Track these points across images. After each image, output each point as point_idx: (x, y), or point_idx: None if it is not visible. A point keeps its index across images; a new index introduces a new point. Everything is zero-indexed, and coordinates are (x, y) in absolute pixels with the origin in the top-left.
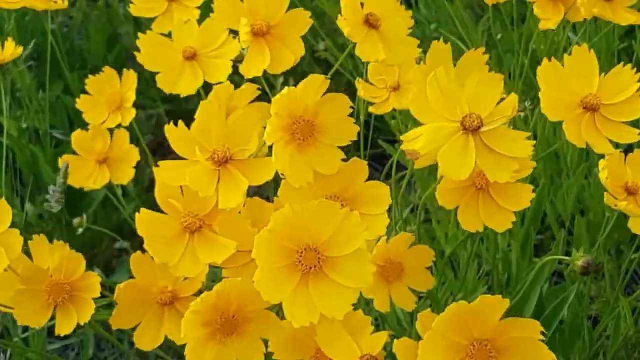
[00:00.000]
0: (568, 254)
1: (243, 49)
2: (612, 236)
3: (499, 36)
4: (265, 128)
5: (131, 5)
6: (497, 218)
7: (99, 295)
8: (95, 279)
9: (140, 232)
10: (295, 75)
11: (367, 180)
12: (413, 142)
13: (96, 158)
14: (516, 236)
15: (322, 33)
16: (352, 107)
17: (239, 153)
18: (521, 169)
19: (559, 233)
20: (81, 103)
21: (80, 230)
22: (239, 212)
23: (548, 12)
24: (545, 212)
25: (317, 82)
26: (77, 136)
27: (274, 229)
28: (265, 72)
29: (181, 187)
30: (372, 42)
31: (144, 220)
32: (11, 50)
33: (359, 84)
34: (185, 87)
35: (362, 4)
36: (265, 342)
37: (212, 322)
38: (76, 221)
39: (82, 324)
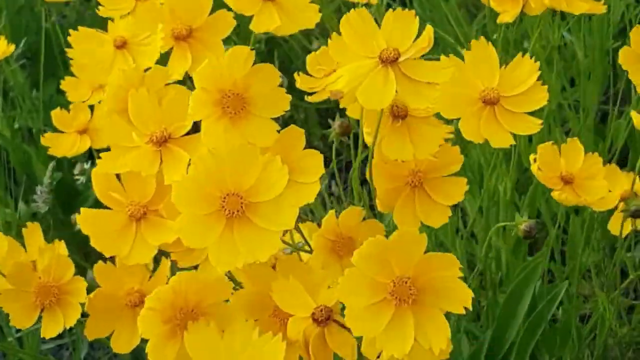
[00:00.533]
0: (562, 252)
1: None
2: (607, 234)
3: (495, 36)
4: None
5: (100, 7)
6: (434, 214)
7: (84, 300)
8: (82, 284)
9: (84, 231)
10: (288, 73)
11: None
12: (335, 83)
13: (76, 129)
14: (509, 235)
15: (316, 32)
16: (281, 77)
17: (177, 130)
18: (451, 162)
19: (553, 231)
20: (65, 84)
21: (78, 227)
22: None
23: (505, 4)
24: (539, 211)
25: (242, 54)
26: (56, 114)
27: (195, 174)
28: None
29: (120, 180)
30: (267, 13)
31: (86, 218)
32: (2, 48)
33: (298, 77)
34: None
35: None
36: None
37: (171, 319)
38: (74, 217)
39: (67, 327)
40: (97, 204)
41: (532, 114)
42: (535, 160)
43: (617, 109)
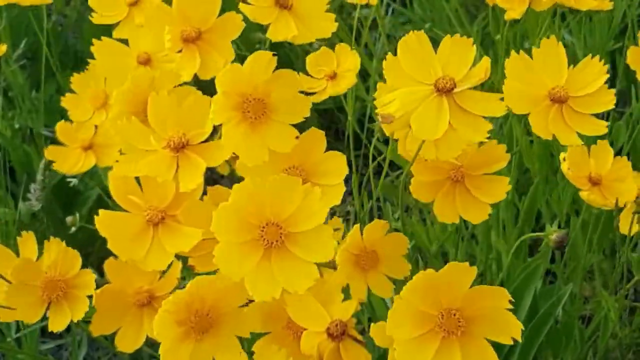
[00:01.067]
0: (563, 253)
1: None
2: (607, 236)
3: (498, 37)
4: None
5: (93, 14)
6: (473, 210)
7: (93, 292)
8: (90, 277)
9: (102, 233)
10: None
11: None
12: (387, 106)
13: (81, 145)
14: (510, 236)
15: None
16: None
17: (195, 137)
18: (496, 161)
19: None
20: (66, 101)
21: (73, 229)
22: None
23: (513, 1)
24: (540, 212)
25: (265, 58)
26: (61, 127)
27: (235, 203)
28: None
29: (139, 183)
30: (284, 21)
31: (104, 220)
32: None
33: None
34: None
35: None
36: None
37: (186, 321)
38: (69, 219)
39: (75, 320)
40: (97, 205)
41: None
42: (564, 159)
43: (617, 110)
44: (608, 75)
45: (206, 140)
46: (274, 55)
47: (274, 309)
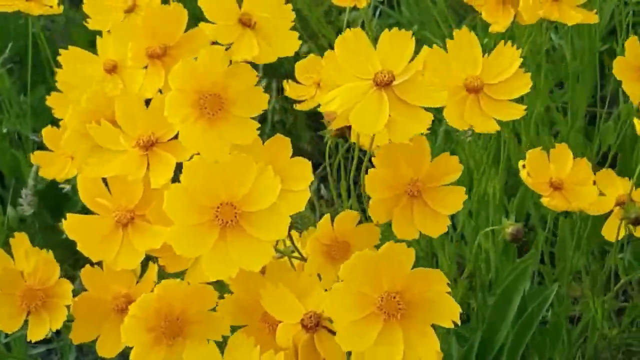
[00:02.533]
0: (552, 254)
1: None
2: (597, 237)
3: (486, 40)
4: None
5: (88, 20)
6: (431, 223)
7: (70, 302)
8: (67, 286)
9: (70, 236)
10: (278, 76)
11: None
12: (329, 104)
13: (67, 152)
14: (499, 237)
15: (305, 36)
16: (258, 76)
17: (165, 135)
18: (450, 172)
19: (542, 233)
20: (51, 99)
21: (65, 235)
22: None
23: (496, 15)
24: (528, 213)
25: (218, 54)
26: (47, 132)
27: (187, 183)
28: None
29: (107, 185)
30: (247, 40)
31: (72, 224)
32: None
33: (287, 85)
34: None
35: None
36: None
37: (156, 327)
38: (62, 224)
39: (54, 329)
40: (86, 208)
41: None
42: (524, 166)
43: (606, 111)
44: (521, 60)
45: (176, 137)
46: (226, 49)
47: (249, 302)
